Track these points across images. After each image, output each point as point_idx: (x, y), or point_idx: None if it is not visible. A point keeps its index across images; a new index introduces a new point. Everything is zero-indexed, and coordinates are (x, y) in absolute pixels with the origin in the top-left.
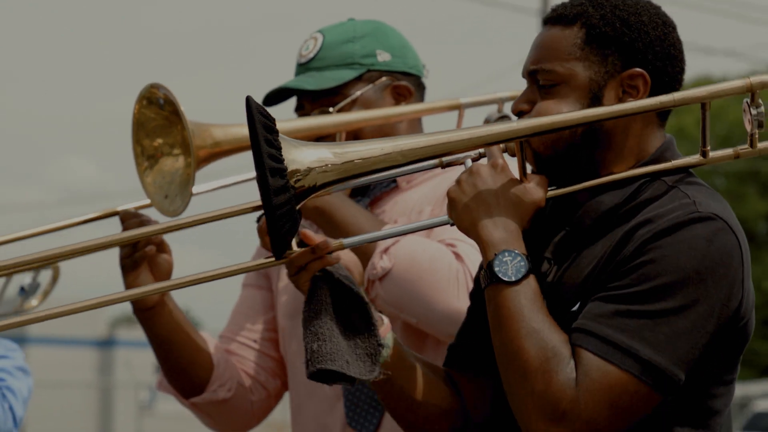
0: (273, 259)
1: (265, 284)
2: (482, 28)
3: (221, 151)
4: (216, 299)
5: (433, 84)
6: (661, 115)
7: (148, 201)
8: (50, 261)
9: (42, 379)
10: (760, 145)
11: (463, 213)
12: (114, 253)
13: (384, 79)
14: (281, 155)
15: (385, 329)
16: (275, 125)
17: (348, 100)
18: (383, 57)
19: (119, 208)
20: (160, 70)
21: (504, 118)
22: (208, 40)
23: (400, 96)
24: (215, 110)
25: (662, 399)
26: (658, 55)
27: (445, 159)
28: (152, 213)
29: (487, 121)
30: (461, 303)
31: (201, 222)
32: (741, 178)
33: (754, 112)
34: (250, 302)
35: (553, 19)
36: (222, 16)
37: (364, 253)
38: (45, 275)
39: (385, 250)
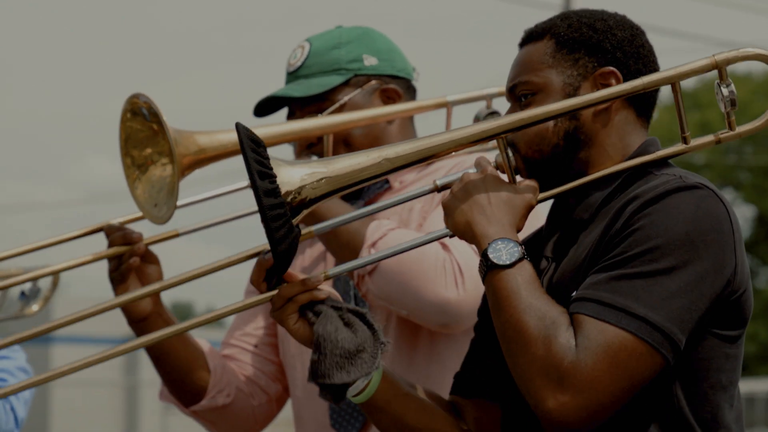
0: (265, 291)
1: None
2: (504, 25)
3: (206, 157)
4: (219, 294)
5: (455, 81)
6: (642, 113)
7: (140, 213)
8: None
9: (68, 378)
10: (740, 128)
11: (457, 216)
12: None
13: (373, 82)
14: (277, 187)
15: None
16: (266, 151)
17: (336, 105)
18: (370, 61)
19: (113, 221)
20: (178, 67)
21: (493, 114)
22: (224, 37)
23: (389, 99)
24: (237, 105)
25: (666, 363)
26: (628, 53)
27: (439, 182)
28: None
29: (477, 119)
30: (449, 292)
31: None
32: (766, 172)
33: (725, 91)
34: (249, 311)
35: (525, 40)
36: (239, 12)
37: (352, 249)
38: (45, 280)
39: (373, 244)
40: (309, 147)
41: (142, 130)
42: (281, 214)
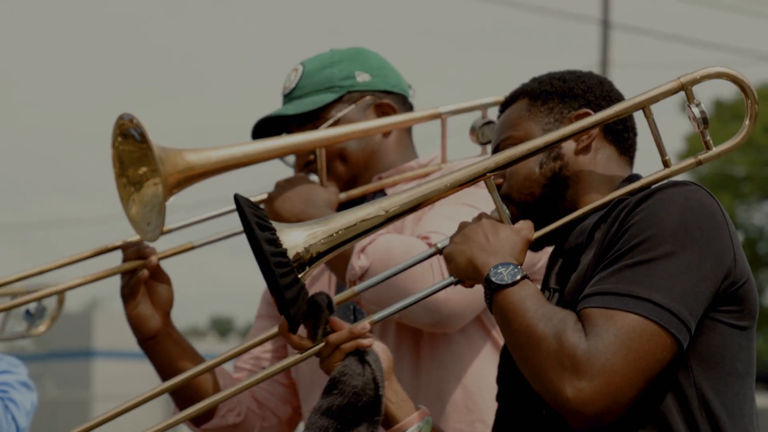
0: (307, 342)
1: (276, 314)
2: (542, 38)
3: (196, 174)
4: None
5: (493, 93)
6: (624, 152)
7: (137, 237)
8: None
9: (107, 392)
10: (717, 147)
11: (459, 258)
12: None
13: (366, 98)
14: (286, 257)
15: (422, 413)
16: (267, 218)
17: (330, 121)
18: (362, 78)
19: (117, 243)
20: (209, 78)
21: (489, 123)
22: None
23: (384, 114)
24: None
25: (678, 344)
26: (599, 95)
27: (440, 245)
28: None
29: (473, 129)
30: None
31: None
32: None
33: (695, 110)
34: (261, 332)
35: (501, 108)
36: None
37: (344, 256)
38: (50, 299)
39: (362, 250)
40: (307, 165)
41: (135, 151)
42: (294, 280)
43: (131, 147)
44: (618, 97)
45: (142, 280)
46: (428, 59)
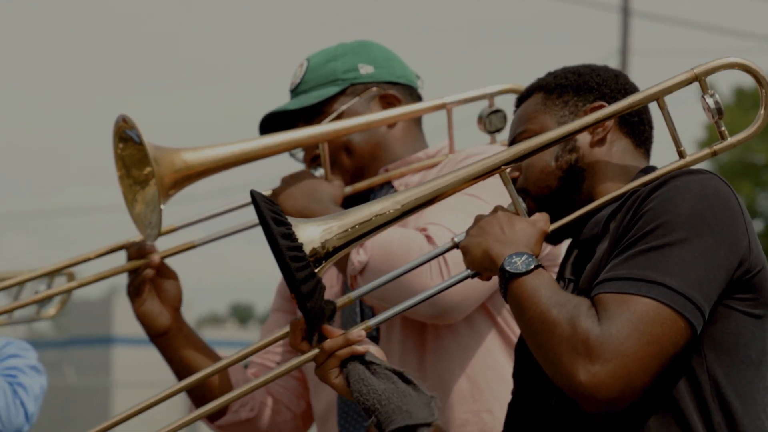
0: (307, 350)
1: (290, 308)
2: (561, 26)
3: (194, 173)
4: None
5: (512, 82)
6: (641, 144)
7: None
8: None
9: (128, 379)
10: (732, 138)
11: (475, 250)
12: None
13: (372, 90)
14: (302, 251)
15: None
16: (282, 213)
17: (333, 115)
18: (366, 70)
19: (121, 243)
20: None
21: (497, 112)
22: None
23: (389, 105)
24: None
25: (692, 329)
26: (614, 88)
27: (456, 239)
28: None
29: (480, 118)
30: (435, 283)
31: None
32: None
33: (710, 101)
34: (275, 326)
35: (517, 102)
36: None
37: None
38: (59, 282)
39: (361, 244)
40: (314, 160)
41: (136, 153)
42: (310, 274)
43: (132, 150)
44: (633, 90)
45: (146, 279)
46: (444, 49)
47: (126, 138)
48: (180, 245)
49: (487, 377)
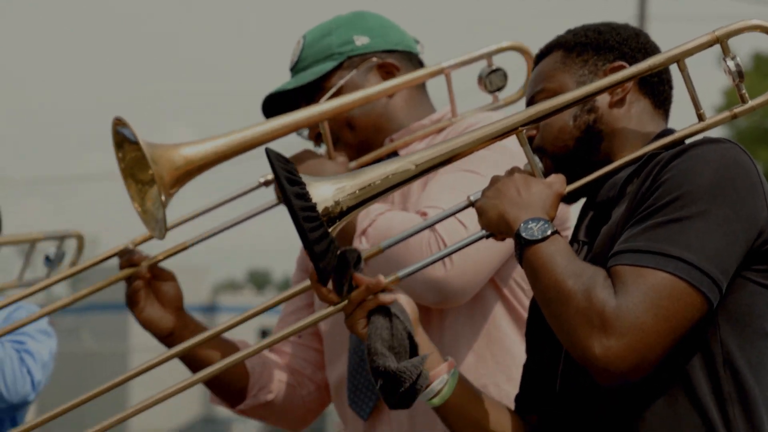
0: (332, 301)
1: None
2: (579, 12)
3: (194, 168)
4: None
5: (532, 48)
6: (660, 105)
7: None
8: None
9: (145, 343)
10: (752, 101)
11: (490, 212)
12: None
13: (371, 60)
14: (315, 211)
15: (449, 364)
16: (296, 172)
17: (332, 90)
18: (361, 41)
19: (128, 244)
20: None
21: (496, 71)
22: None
23: (387, 74)
24: None
25: (708, 303)
26: (634, 48)
27: (472, 198)
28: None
29: (480, 78)
30: (436, 271)
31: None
32: None
33: (731, 64)
34: (296, 300)
35: (536, 60)
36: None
37: (347, 238)
38: (70, 244)
39: (363, 232)
40: (318, 137)
41: (136, 155)
42: (323, 234)
43: (133, 153)
44: (654, 50)
45: (138, 288)
46: (465, 11)
47: (122, 144)
48: (172, 248)
49: (493, 350)
